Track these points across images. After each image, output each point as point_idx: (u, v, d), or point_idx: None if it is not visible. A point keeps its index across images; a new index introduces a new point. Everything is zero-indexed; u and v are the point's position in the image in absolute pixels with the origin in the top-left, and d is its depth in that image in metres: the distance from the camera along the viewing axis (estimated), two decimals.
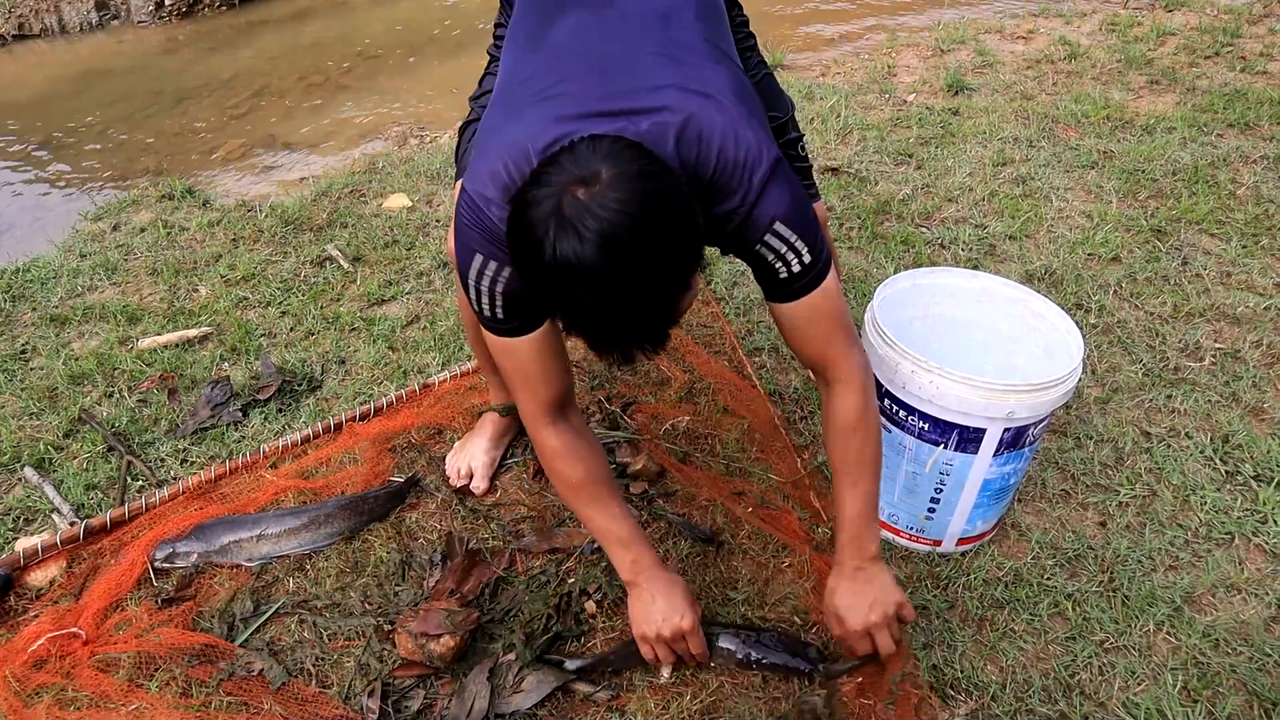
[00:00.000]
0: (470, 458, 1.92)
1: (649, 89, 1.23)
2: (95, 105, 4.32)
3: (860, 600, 1.40)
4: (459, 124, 1.74)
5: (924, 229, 2.80)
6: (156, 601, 1.68)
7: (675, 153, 1.19)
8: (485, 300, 1.29)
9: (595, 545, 1.75)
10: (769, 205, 1.23)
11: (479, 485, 1.90)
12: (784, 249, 1.26)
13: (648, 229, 1.02)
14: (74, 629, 1.60)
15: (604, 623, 1.63)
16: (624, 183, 1.02)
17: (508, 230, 1.09)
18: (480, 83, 1.71)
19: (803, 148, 1.79)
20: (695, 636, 1.47)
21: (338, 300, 2.59)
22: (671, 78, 1.25)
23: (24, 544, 1.76)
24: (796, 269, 1.28)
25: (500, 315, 1.31)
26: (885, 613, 1.40)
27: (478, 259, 1.25)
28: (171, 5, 5.28)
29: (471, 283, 1.28)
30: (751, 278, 2.55)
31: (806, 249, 1.27)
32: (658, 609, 1.45)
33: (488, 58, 1.72)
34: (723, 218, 1.25)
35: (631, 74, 1.26)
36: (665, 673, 1.51)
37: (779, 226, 1.24)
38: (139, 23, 5.26)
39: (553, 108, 1.23)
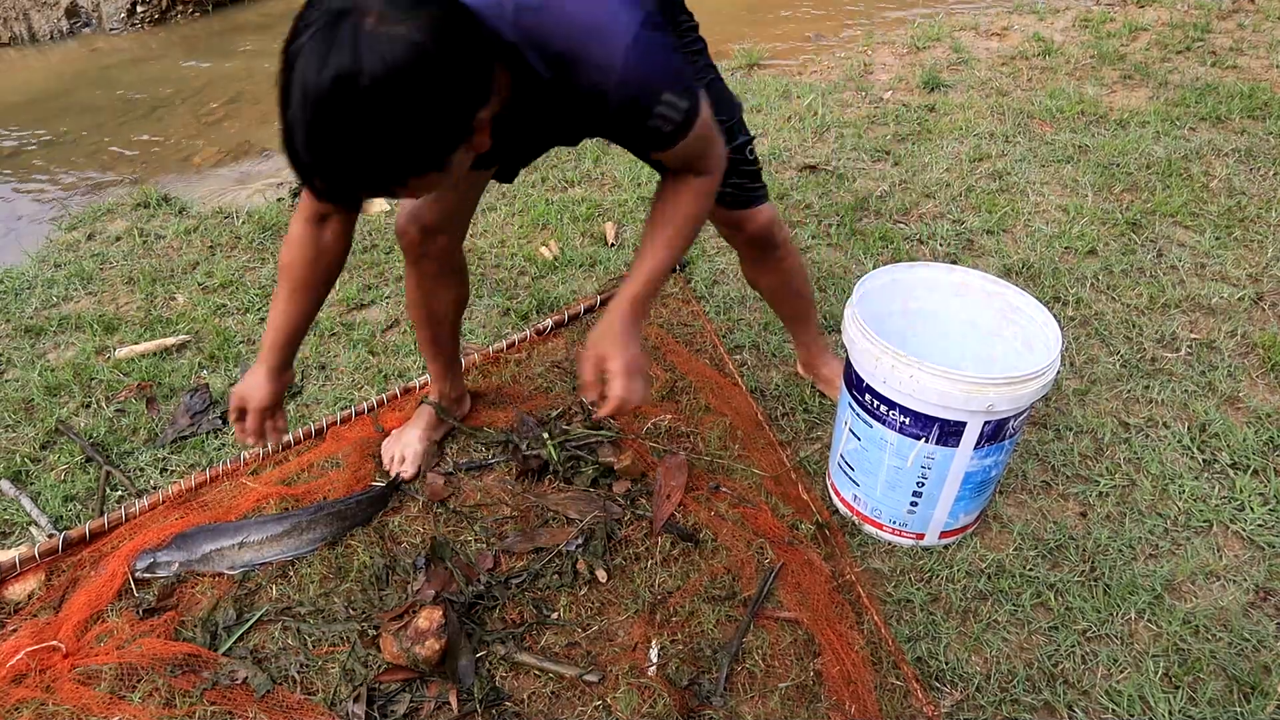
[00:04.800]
0: (404, 445, 1.97)
1: None
2: (68, 114, 4.28)
3: (623, 346, 1.38)
4: None
5: (902, 225, 2.82)
6: (138, 612, 1.66)
7: (514, 14, 1.16)
8: None
9: (579, 543, 1.75)
10: (651, 77, 1.21)
11: (408, 470, 1.94)
12: (670, 112, 1.24)
13: (385, 99, 0.97)
14: (54, 642, 1.58)
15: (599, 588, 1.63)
16: (398, 45, 0.96)
17: None
18: None
19: (750, 150, 1.75)
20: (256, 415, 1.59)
21: None
22: None
23: (1, 557, 1.74)
24: (679, 119, 1.26)
25: None
26: (630, 365, 1.37)
27: None
28: (143, 13, 5.24)
29: None
30: (730, 278, 2.58)
31: (686, 100, 1.25)
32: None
33: None
34: (595, 94, 1.21)
35: None
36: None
37: (666, 96, 1.23)
38: (111, 30, 5.21)
39: None
